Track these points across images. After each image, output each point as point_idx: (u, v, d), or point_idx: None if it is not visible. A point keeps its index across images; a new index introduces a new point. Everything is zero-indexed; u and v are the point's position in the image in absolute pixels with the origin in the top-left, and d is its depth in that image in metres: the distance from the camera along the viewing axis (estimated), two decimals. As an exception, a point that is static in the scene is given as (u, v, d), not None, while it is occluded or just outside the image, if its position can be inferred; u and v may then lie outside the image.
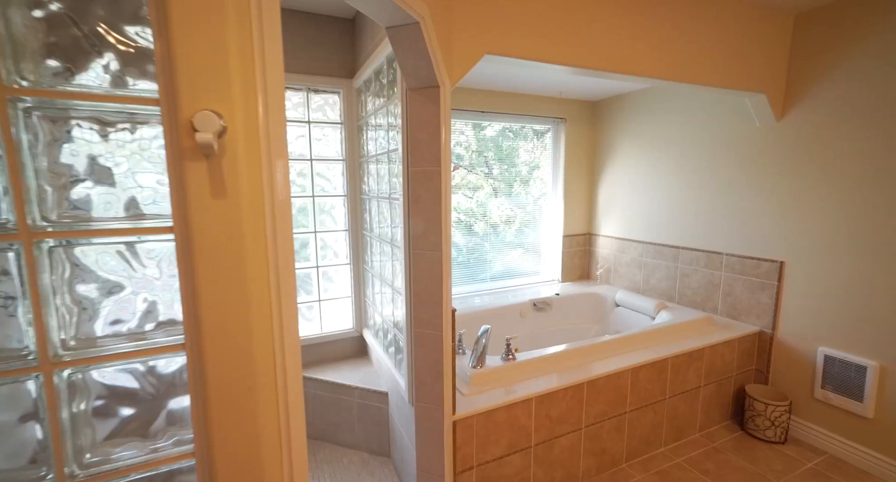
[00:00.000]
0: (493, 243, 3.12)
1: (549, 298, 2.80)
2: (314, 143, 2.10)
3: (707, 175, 2.48)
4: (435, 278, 1.34)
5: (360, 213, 2.21)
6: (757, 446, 2.05)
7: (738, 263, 2.33)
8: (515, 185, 3.16)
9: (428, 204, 1.33)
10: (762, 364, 2.26)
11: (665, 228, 2.75)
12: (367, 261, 2.15)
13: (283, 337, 0.66)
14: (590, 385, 1.74)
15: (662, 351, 1.98)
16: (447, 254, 1.34)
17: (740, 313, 2.34)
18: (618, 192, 3.10)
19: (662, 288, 2.78)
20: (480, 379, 1.67)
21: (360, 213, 2.19)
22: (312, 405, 2.06)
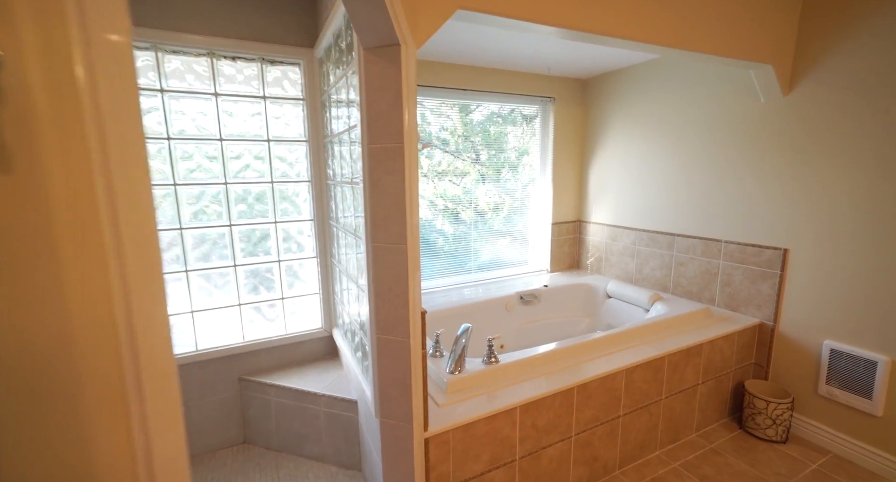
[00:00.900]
0: (481, 231, 2.92)
1: (537, 290, 2.63)
2: (272, 123, 1.86)
3: (705, 157, 2.30)
4: (399, 276, 1.14)
5: (326, 200, 1.98)
6: (757, 446, 1.92)
7: (737, 251, 2.17)
8: (504, 171, 2.95)
9: (390, 188, 1.12)
10: (762, 358, 2.12)
11: (660, 215, 2.58)
12: (334, 255, 1.94)
13: (139, 355, 0.46)
14: (580, 389, 1.57)
15: (658, 348, 1.82)
16: (414, 248, 1.13)
17: (739, 304, 2.19)
18: (610, 176, 2.91)
19: (656, 277, 2.62)
20: (458, 386, 1.49)
21: (327, 200, 1.97)
22: (275, 414, 1.87)
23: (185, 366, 1.80)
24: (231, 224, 1.83)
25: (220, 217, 1.82)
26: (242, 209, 1.87)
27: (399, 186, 1.11)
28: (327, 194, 1.95)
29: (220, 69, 1.71)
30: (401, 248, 1.12)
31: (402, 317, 1.16)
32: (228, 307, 1.88)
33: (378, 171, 1.12)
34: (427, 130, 2.66)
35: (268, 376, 1.91)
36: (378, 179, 1.13)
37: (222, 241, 1.83)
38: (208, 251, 1.82)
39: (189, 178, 1.73)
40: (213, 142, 1.75)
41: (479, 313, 2.40)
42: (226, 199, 1.81)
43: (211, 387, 1.87)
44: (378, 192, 1.13)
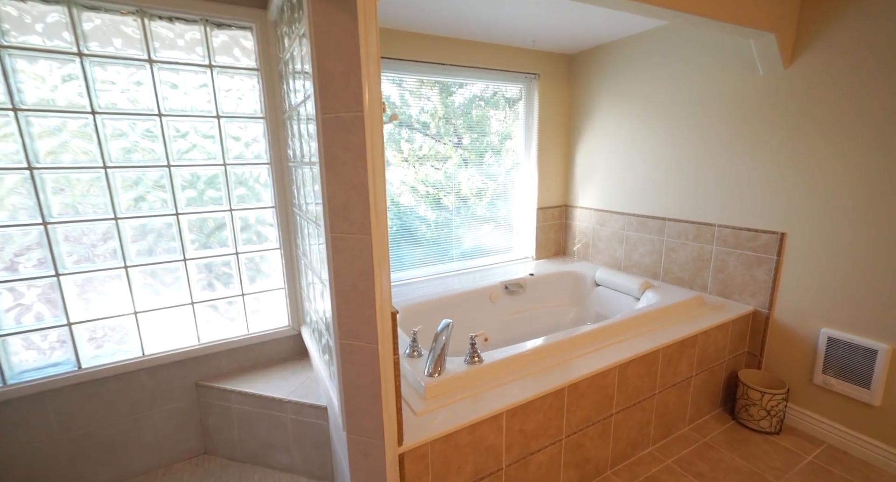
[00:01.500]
0: (464, 217, 2.76)
1: (523, 279, 2.49)
2: (223, 97, 1.64)
3: (698, 136, 2.17)
4: (364, 272, 0.96)
5: (288, 185, 1.78)
6: (751, 438, 1.84)
7: (731, 236, 2.06)
8: (487, 156, 2.77)
9: (348, 166, 0.93)
10: (755, 347, 2.04)
11: (650, 198, 2.45)
12: (300, 246, 1.75)
13: None
14: (571, 389, 1.44)
15: (652, 340, 1.70)
16: (381, 239, 0.96)
17: (733, 291, 2.09)
18: (597, 158, 2.77)
19: (646, 264, 2.51)
20: (438, 390, 1.34)
21: (289, 185, 1.77)
22: (237, 422, 1.69)
23: (131, 374, 1.60)
24: (178, 213, 1.62)
25: (164, 205, 1.60)
26: (192, 195, 1.65)
27: (359, 165, 0.92)
28: (289, 178, 1.74)
29: (156, 31, 1.47)
30: (363, 240, 0.95)
31: (369, 320, 0.99)
32: (180, 306, 1.67)
33: (334, 147, 0.94)
34: (407, 113, 2.46)
35: (228, 381, 1.72)
36: (334, 157, 0.94)
37: (169, 232, 1.62)
38: (153, 244, 1.60)
39: (125, 159, 1.50)
40: (152, 118, 1.51)
41: (462, 305, 2.25)
42: (170, 185, 1.58)
43: (163, 395, 1.67)
44: (334, 172, 0.95)
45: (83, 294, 1.50)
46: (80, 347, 1.50)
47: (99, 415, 1.57)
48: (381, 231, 0.96)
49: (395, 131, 2.45)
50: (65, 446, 1.52)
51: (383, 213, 0.96)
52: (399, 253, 2.58)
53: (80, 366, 1.50)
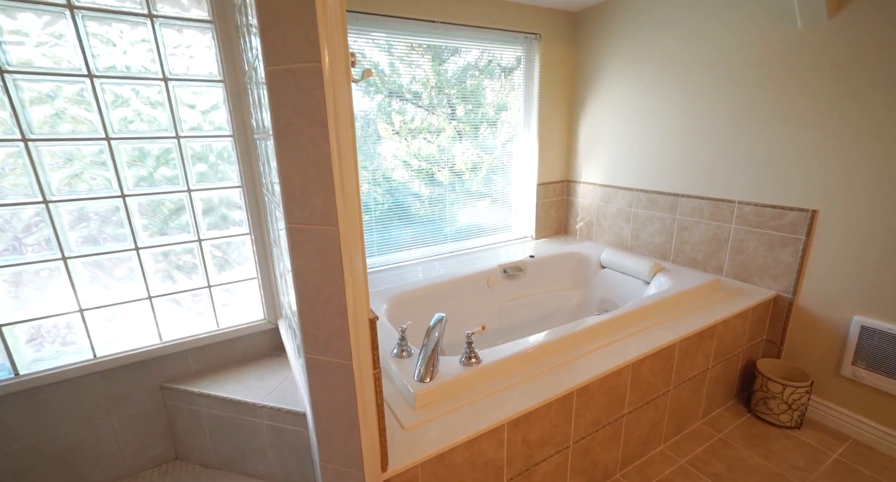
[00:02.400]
0: (458, 193, 2.54)
1: (522, 262, 2.30)
2: (172, 55, 1.38)
3: (718, 102, 1.93)
4: (330, 273, 0.76)
5: (254, 159, 1.54)
6: (769, 433, 1.71)
7: (753, 213, 1.87)
8: (482, 128, 2.53)
9: (305, 137, 0.71)
10: (775, 334, 1.88)
11: (661, 172, 2.24)
12: (270, 231, 1.53)
13: None
14: (581, 392, 1.27)
15: (668, 332, 1.53)
16: (352, 230, 0.75)
17: (752, 274, 1.92)
18: (603, 129, 2.53)
19: (655, 244, 2.32)
20: (429, 398, 1.16)
21: (255, 159, 1.53)
22: (208, 428, 1.53)
23: (82, 379, 1.41)
24: (125, 194, 1.39)
25: (109, 185, 1.37)
26: (141, 174, 1.42)
27: (320, 135, 0.70)
28: (255, 151, 1.51)
29: (76, -29, 1.20)
30: (328, 232, 0.74)
31: (340, 331, 0.79)
32: (135, 301, 1.47)
33: (286, 111, 0.71)
34: (398, 82, 2.20)
35: (197, 382, 1.54)
36: (287, 125, 0.72)
37: (116, 216, 1.39)
38: (96, 231, 1.38)
39: (50, 131, 1.26)
40: (80, 79, 1.26)
41: (457, 292, 2.07)
42: (112, 161, 1.34)
43: (123, 400, 1.50)
44: (288, 145, 0.73)
45: (14, 291, 1.29)
46: (15, 351, 1.30)
47: (47, 426, 1.39)
48: (353, 221, 0.75)
49: (386, 103, 2.20)
50: (7, 462, 1.35)
51: (354, 197, 0.75)
52: (389, 234, 2.37)
53: (17, 373, 1.31)
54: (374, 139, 2.21)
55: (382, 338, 1.45)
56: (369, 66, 2.10)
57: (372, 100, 2.17)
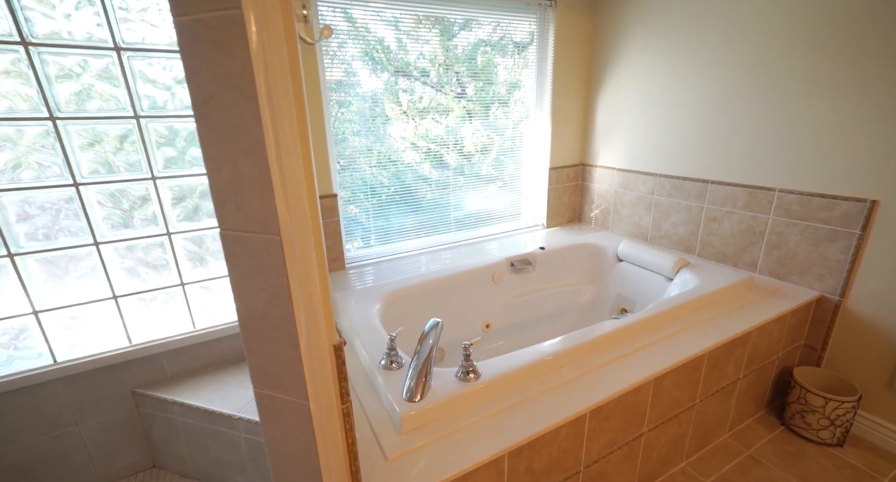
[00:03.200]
0: (467, 177, 2.35)
1: (531, 254, 2.11)
2: (125, 19, 1.19)
3: (761, 74, 1.68)
4: (276, 293, 0.58)
5: (226, 144, 1.37)
6: (806, 451, 1.53)
7: (797, 203, 1.64)
8: (493, 108, 2.32)
9: (232, 115, 0.53)
10: (815, 340, 1.67)
11: (689, 155, 2.00)
12: (245, 223, 1.36)
13: None
14: (595, 414, 1.10)
15: (696, 340, 1.34)
16: (303, 241, 0.57)
17: (791, 271, 1.70)
18: (624, 107, 2.28)
19: (679, 235, 2.10)
20: (419, 421, 1.01)
21: (227, 144, 1.35)
22: (185, 437, 1.40)
23: (40, 387, 1.29)
24: (78, 183, 1.23)
25: (61, 172, 1.21)
26: (97, 158, 1.25)
27: (249, 112, 0.52)
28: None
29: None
30: (269, 243, 0.56)
31: (291, 363, 0.62)
32: (98, 301, 1.33)
33: (204, 78, 0.52)
34: (405, 59, 2.00)
35: (171, 389, 1.42)
36: (209, 98, 0.53)
37: (70, 207, 1.24)
38: (49, 224, 1.23)
39: (-11, 110, 1.10)
40: (13, 47, 1.08)
41: (459, 288, 1.89)
42: (59, 145, 1.18)
43: (90, 408, 1.38)
44: (211, 126, 0.54)
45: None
46: (-37, 359, 1.18)
47: (6, 435, 1.28)
48: (302, 228, 0.57)
49: (392, 81, 2.02)
50: (-33, 473, 1.25)
51: (302, 198, 0.57)
52: (392, 221, 2.20)
53: (-35, 382, 1.19)
54: (382, 120, 2.03)
55: (373, 343, 1.29)
56: (375, 42, 1.90)
57: (379, 78, 1.98)
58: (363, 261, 2.13)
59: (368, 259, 2.15)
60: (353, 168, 2.04)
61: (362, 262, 2.12)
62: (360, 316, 1.49)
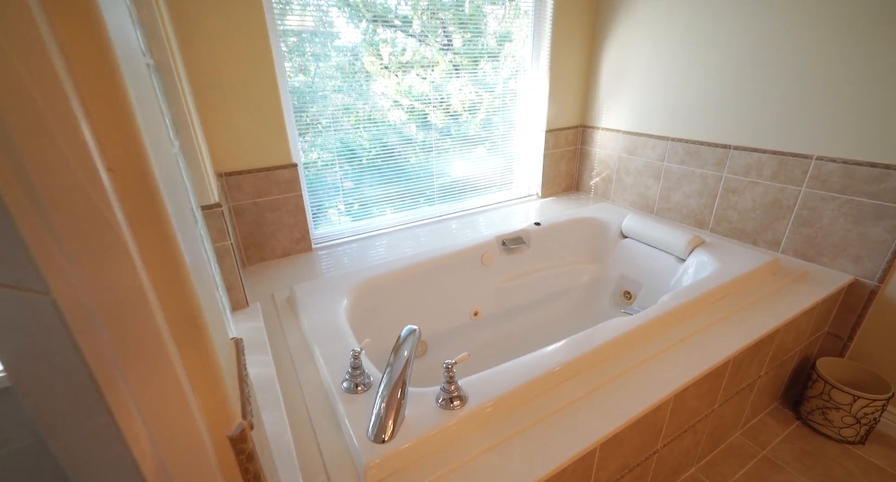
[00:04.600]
0: (454, 139, 2.06)
1: (526, 231, 1.86)
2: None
3: (803, 16, 1.37)
4: (79, 382, 0.33)
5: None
6: (826, 450, 1.39)
7: (839, 173, 1.40)
8: (482, 62, 1.99)
9: None
10: (842, 328, 1.50)
11: (709, 117, 1.72)
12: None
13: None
14: (606, 445, 0.91)
15: (720, 341, 1.14)
16: (108, 297, 0.31)
17: (822, 252, 1.49)
18: (634, 59, 1.96)
19: (690, 208, 1.87)
20: (387, 470, 0.79)
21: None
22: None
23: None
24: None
25: None
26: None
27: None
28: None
29: None
30: (37, 304, 0.29)
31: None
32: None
33: None
34: (385, 4, 1.64)
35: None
36: None
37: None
38: None
39: None
40: None
41: (444, 273, 1.66)
42: None
43: None
44: None
45: None
46: None
47: None
48: (101, 279, 0.30)
49: (371, 30, 1.67)
50: None
51: (152, 200, 0.30)
52: (368, 191, 1.93)
53: None
54: (363, 75, 1.72)
55: (337, 352, 1.06)
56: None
57: (357, 28, 1.64)
58: (335, 241, 1.87)
59: (341, 237, 1.89)
60: (335, 128, 1.74)
61: (334, 242, 1.87)
62: (324, 315, 1.25)
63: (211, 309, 0.45)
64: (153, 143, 0.35)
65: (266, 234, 1.69)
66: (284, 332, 1.24)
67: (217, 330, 0.47)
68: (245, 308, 1.34)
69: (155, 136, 0.37)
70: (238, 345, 0.56)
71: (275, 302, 1.41)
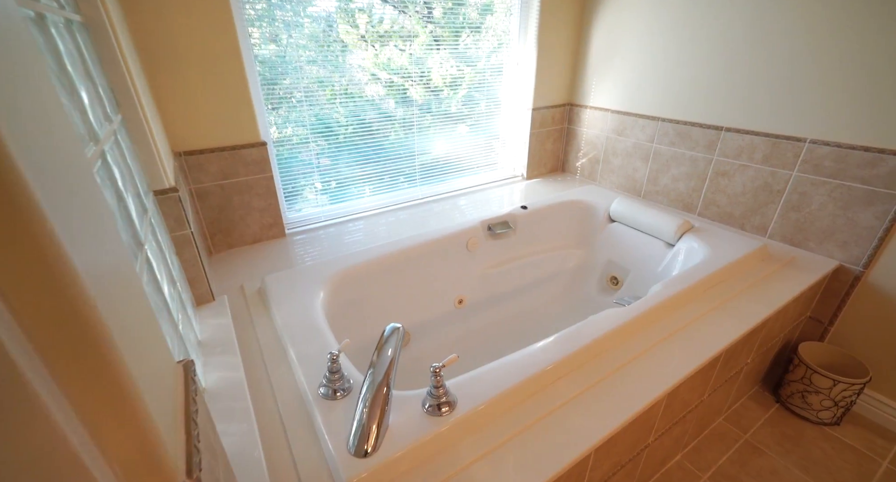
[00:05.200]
0: (435, 116, 1.94)
1: (512, 215, 1.79)
2: None
3: (811, -13, 1.30)
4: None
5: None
6: (804, 432, 1.42)
7: (831, 157, 1.36)
8: (464, 35, 1.85)
9: None
10: (824, 313, 1.51)
11: (702, 97, 1.66)
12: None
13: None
14: (601, 449, 0.86)
15: (713, 332, 1.11)
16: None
17: (808, 238, 1.48)
18: (623, 36, 1.86)
19: (679, 192, 1.83)
20: (371, 486, 0.73)
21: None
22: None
23: None
24: None
25: None
26: None
27: None
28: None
29: None
30: None
31: None
32: None
33: None
34: None
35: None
36: None
37: None
38: None
39: None
40: None
41: (426, 261, 1.57)
42: None
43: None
44: None
45: None
46: None
47: None
48: None
49: None
50: None
51: None
52: (344, 170, 1.80)
53: None
54: (340, 46, 1.57)
55: (314, 353, 0.98)
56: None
57: None
58: (310, 226, 1.75)
59: (316, 222, 1.77)
60: (309, 102, 1.60)
61: (309, 227, 1.75)
62: (298, 309, 1.15)
63: (139, 325, 0.36)
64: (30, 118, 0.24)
65: (234, 220, 1.55)
66: (255, 329, 1.14)
67: (148, 353, 0.37)
68: (210, 303, 1.22)
69: (33, 111, 0.26)
70: (187, 370, 0.46)
71: (244, 294, 1.30)
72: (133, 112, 0.98)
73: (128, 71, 0.94)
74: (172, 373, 0.44)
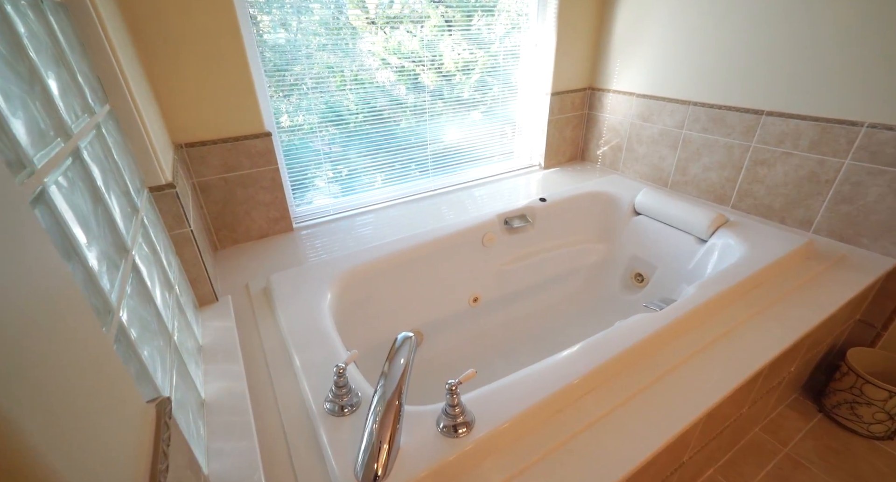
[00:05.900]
0: (447, 102, 1.83)
1: (530, 207, 1.69)
2: None
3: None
4: None
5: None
6: (852, 446, 1.30)
7: (893, 143, 1.22)
8: (476, 17, 1.73)
9: None
10: (876, 316, 1.37)
11: (739, 77, 1.51)
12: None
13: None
14: (632, 479, 0.77)
15: (757, 344, 1.00)
16: None
17: (861, 233, 1.34)
18: (651, 12, 1.71)
19: (710, 182, 1.69)
20: (379, 518, 0.65)
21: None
22: None
23: None
24: None
25: None
26: None
27: None
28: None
29: None
30: None
31: None
32: None
33: None
34: None
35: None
36: None
37: None
38: None
39: None
40: None
41: (440, 258, 1.49)
42: None
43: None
44: None
45: None
46: None
47: None
48: None
49: None
50: None
51: None
52: (355, 160, 1.72)
53: None
54: (349, 31, 1.48)
55: (320, 361, 0.91)
56: None
57: None
58: (318, 220, 1.68)
59: (325, 215, 1.70)
60: (320, 89, 1.52)
61: (317, 221, 1.68)
62: (305, 312, 1.09)
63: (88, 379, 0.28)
64: None
65: (238, 214, 1.49)
66: (260, 334, 1.07)
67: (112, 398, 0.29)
68: (214, 303, 1.16)
69: None
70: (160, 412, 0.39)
71: (249, 294, 1.24)
72: (123, 102, 0.90)
73: (115, 57, 0.87)
74: (139, 418, 0.37)
